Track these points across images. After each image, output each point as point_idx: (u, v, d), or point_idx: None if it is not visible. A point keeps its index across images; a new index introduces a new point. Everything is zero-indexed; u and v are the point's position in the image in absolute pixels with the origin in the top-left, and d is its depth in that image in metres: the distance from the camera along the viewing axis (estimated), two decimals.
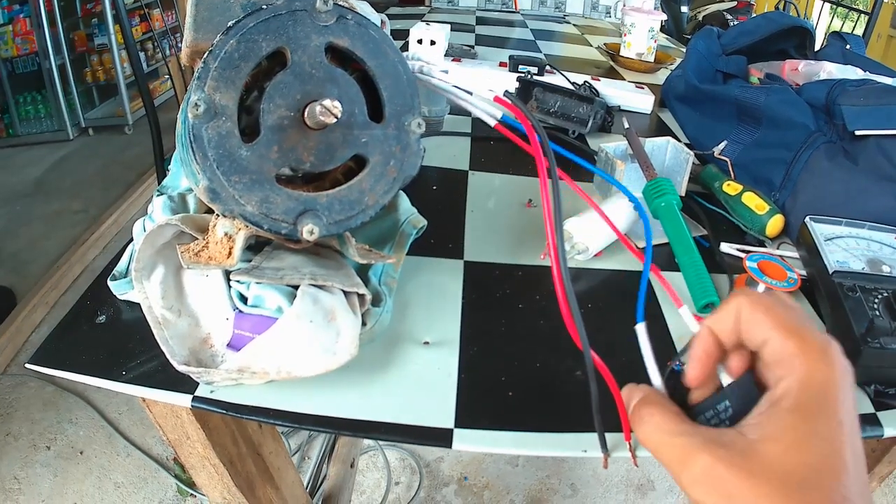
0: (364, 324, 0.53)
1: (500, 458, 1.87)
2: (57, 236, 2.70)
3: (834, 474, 0.30)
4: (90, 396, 1.98)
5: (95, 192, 3.10)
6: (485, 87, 0.55)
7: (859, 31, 2.63)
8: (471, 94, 0.57)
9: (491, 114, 0.57)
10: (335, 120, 0.44)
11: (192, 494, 1.70)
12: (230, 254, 0.49)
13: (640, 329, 0.45)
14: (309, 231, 0.45)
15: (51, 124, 3.71)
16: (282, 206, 0.45)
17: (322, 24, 0.47)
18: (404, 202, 0.68)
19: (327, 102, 0.44)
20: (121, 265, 0.60)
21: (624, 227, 0.70)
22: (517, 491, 1.79)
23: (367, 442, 1.82)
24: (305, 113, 0.46)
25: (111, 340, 0.54)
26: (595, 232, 0.68)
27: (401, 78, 0.50)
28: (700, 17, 2.63)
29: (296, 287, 0.50)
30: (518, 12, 2.32)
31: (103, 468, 1.78)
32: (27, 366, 0.52)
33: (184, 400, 0.49)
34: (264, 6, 0.46)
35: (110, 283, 0.58)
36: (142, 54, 4.02)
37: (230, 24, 0.45)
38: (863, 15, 3.09)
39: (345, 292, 0.51)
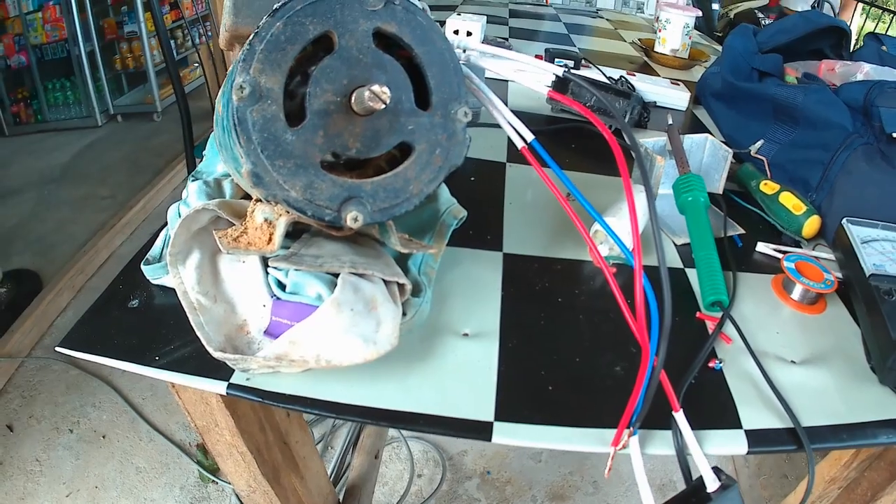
0: (404, 314, 0.52)
1: (524, 453, 1.86)
2: (84, 221, 2.72)
3: None
4: (114, 381, 1.99)
5: (123, 178, 3.12)
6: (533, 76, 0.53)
7: (892, 31, 2.59)
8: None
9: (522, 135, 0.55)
10: (384, 106, 0.43)
11: (213, 481, 1.71)
12: (270, 240, 0.48)
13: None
14: (353, 218, 0.44)
15: (79, 110, 3.74)
16: (326, 192, 0.44)
17: (370, 9, 0.46)
18: (444, 192, 0.67)
19: (376, 88, 0.43)
20: (154, 249, 0.60)
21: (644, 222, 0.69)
22: (539, 486, 1.78)
23: (391, 433, 1.82)
24: (353, 98, 0.45)
25: (144, 325, 0.54)
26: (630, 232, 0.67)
27: (448, 65, 0.49)
28: (731, 15, 2.59)
29: (335, 275, 0.49)
30: (549, 5, 2.30)
31: (125, 452, 1.79)
32: (57, 349, 0.51)
33: (218, 387, 0.49)
34: None
35: (143, 268, 0.58)
36: (171, 42, 4.03)
37: (277, 5, 0.44)
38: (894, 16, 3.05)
39: (385, 282, 0.51)
